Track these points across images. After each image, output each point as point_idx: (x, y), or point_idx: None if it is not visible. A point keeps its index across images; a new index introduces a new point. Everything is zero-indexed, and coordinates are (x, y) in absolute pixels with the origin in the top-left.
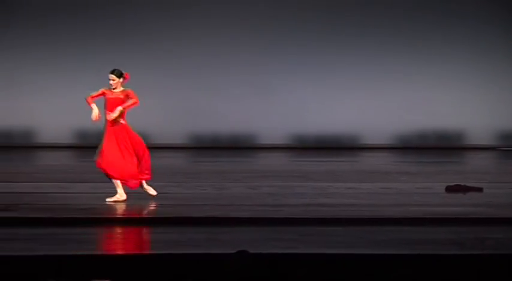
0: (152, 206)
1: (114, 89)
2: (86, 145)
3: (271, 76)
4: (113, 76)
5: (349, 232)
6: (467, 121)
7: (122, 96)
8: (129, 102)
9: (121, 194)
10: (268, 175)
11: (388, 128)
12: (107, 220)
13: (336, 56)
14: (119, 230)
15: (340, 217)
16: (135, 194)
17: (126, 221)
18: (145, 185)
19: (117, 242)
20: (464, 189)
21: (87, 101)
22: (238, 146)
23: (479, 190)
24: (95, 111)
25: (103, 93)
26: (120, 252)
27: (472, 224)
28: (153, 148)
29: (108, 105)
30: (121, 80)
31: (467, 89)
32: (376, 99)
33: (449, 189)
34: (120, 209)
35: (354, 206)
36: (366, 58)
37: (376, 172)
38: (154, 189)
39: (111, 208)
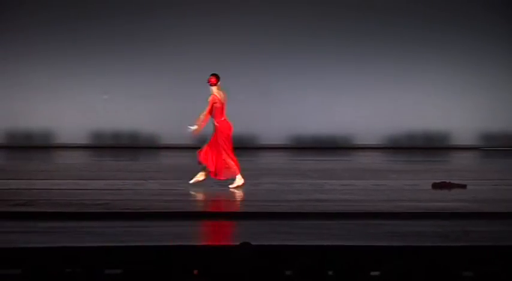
0: (162, 201)
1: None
2: (101, 145)
3: (272, 80)
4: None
5: (343, 225)
6: (453, 123)
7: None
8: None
9: (239, 178)
10: (268, 172)
11: (379, 130)
12: (121, 214)
13: (332, 63)
14: (131, 223)
15: (334, 211)
16: (138, 189)
17: (137, 215)
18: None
19: (129, 235)
20: (450, 186)
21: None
22: (241, 146)
23: (463, 186)
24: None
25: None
26: (131, 244)
27: (457, 218)
28: (162, 148)
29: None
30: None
31: (453, 93)
32: (368, 103)
33: (436, 186)
34: (133, 204)
35: (347, 201)
36: (359, 65)
37: (369, 170)
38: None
39: (124, 203)
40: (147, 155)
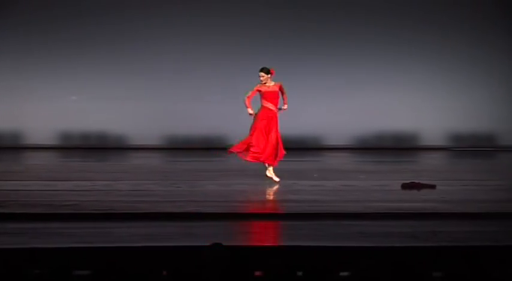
0: (130, 202)
1: (265, 83)
2: (69, 146)
3: (241, 81)
4: (262, 74)
5: (312, 226)
6: (422, 124)
7: (277, 89)
8: (285, 95)
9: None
10: (238, 173)
11: (348, 130)
12: (90, 215)
13: (300, 64)
14: (99, 224)
15: (304, 212)
16: (106, 190)
17: (106, 216)
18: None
19: (98, 236)
20: (419, 186)
21: (245, 104)
22: (211, 147)
23: (433, 187)
24: (251, 112)
25: (258, 91)
26: (100, 245)
27: (426, 218)
28: (131, 149)
29: (267, 97)
30: (269, 75)
31: (422, 94)
32: (337, 104)
33: (405, 186)
34: (101, 205)
35: (317, 202)
36: (328, 65)
37: (338, 170)
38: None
39: (93, 204)
40: (116, 156)
